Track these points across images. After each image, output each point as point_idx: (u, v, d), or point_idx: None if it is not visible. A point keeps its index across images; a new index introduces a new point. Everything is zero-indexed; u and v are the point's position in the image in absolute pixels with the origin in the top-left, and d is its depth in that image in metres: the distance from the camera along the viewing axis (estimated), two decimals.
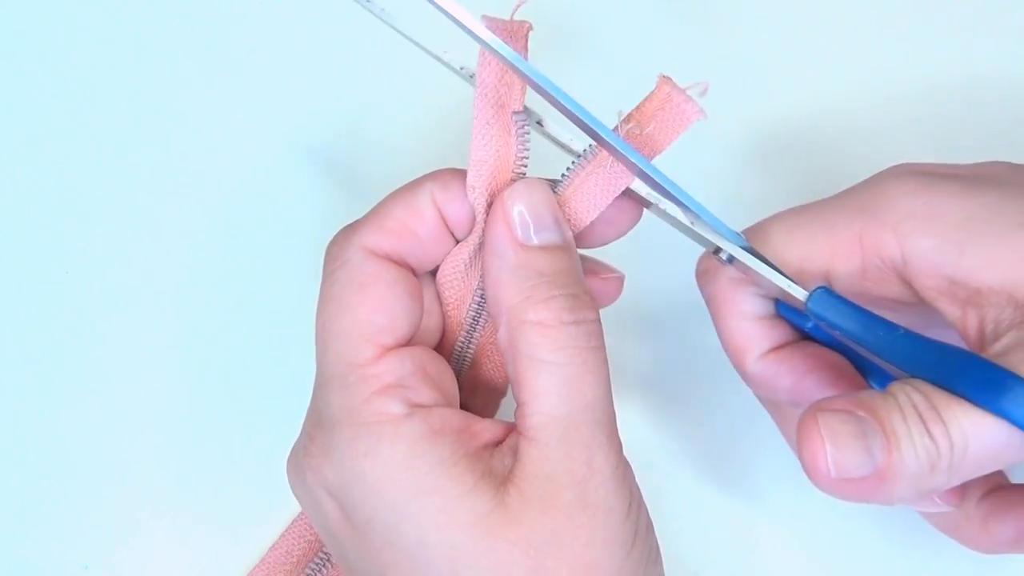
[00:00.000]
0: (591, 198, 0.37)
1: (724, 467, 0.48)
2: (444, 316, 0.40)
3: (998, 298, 0.36)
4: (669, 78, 0.37)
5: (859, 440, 0.34)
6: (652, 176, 0.37)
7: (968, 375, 0.34)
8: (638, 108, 0.37)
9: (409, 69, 0.52)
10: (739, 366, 0.42)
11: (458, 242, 0.39)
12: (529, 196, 0.37)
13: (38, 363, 0.50)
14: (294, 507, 0.46)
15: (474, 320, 0.39)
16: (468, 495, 0.34)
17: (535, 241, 0.37)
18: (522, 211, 0.37)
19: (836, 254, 0.39)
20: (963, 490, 0.39)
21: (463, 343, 0.40)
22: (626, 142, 0.36)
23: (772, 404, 0.44)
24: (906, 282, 0.39)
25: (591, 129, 0.36)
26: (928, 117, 0.53)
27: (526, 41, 0.37)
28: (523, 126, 0.37)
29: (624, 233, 0.40)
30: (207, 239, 0.51)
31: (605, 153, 0.37)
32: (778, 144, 0.53)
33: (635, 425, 0.49)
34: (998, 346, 0.35)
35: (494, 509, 0.34)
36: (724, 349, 0.42)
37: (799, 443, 0.35)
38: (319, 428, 0.37)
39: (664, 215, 0.38)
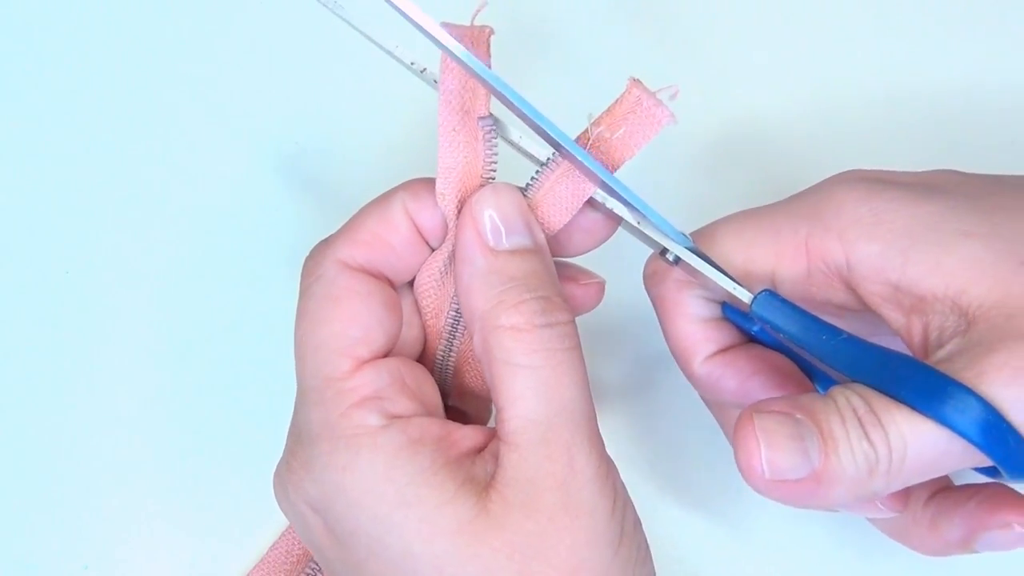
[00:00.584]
0: (562, 202, 0.37)
1: (722, 466, 0.47)
2: (424, 326, 0.40)
3: (942, 306, 0.36)
4: (639, 81, 0.36)
5: (795, 442, 0.34)
6: (597, 174, 0.36)
7: (910, 381, 0.34)
8: (608, 111, 0.37)
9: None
10: (685, 368, 0.42)
11: (433, 251, 0.38)
12: (497, 200, 0.37)
13: (38, 363, 0.50)
14: None
15: (453, 328, 0.39)
16: (450, 503, 0.34)
17: (506, 245, 0.36)
18: (492, 215, 0.36)
19: (782, 258, 0.39)
20: (906, 495, 0.39)
21: (444, 352, 0.40)
22: (575, 143, 0.36)
23: (717, 406, 0.44)
24: (851, 288, 0.38)
25: (550, 137, 0.35)
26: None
27: (488, 47, 0.36)
28: (490, 131, 0.37)
29: (601, 242, 0.39)
30: (209, 243, 0.51)
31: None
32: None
33: (634, 426, 0.49)
34: (942, 353, 0.35)
35: (477, 516, 0.34)
36: (670, 351, 0.42)
37: (735, 443, 0.35)
38: (299, 443, 0.37)
39: (611, 215, 0.38)
